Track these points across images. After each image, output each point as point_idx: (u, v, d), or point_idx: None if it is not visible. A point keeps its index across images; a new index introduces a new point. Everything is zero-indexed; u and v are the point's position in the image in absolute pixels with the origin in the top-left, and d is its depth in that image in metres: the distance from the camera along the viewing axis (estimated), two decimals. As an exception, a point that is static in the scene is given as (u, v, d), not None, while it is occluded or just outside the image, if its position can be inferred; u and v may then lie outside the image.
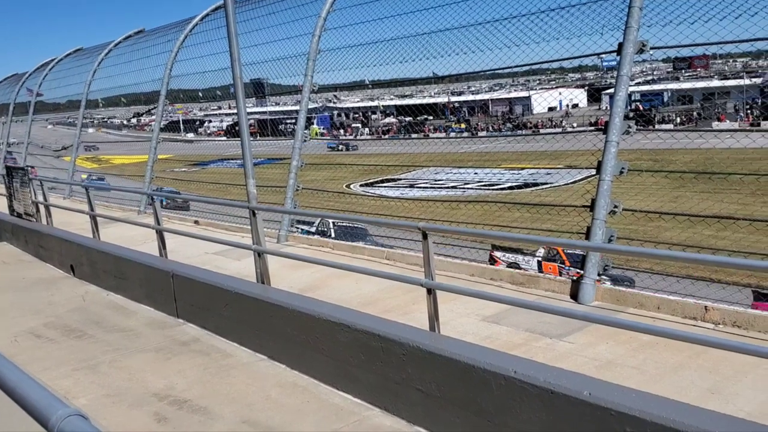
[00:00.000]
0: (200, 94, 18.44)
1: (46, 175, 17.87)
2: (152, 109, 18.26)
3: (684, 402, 3.98)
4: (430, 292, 5.66)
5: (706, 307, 6.58)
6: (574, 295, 7.50)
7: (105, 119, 32.16)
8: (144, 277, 9.15)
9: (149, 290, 9.03)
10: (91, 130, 26.94)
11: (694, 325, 6.43)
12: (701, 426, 3.56)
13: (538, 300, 7.11)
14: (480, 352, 4.98)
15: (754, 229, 7.80)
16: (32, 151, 25.44)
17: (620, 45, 7.77)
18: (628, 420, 3.84)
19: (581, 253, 8.01)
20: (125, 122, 34.46)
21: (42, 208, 13.27)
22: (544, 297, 7.52)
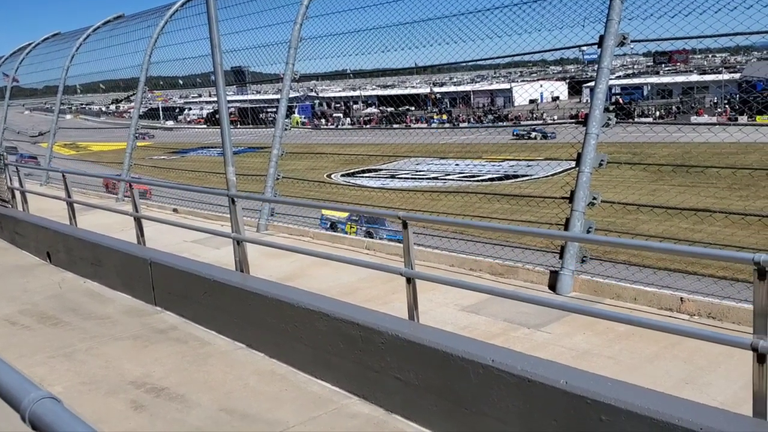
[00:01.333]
0: (180, 81, 18.28)
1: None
2: (131, 95, 18.09)
3: (658, 391, 4.03)
4: (410, 281, 5.67)
5: (681, 298, 6.67)
6: (552, 286, 7.56)
7: (83, 105, 31.76)
8: (121, 264, 9.07)
9: (127, 278, 8.95)
10: (68, 117, 26.60)
11: (670, 316, 6.51)
12: (675, 414, 3.61)
13: (516, 290, 7.15)
14: (458, 340, 5.00)
15: (730, 222, 7.90)
16: (8, 137, 25.07)
17: (601, 37, 7.81)
18: (603, 408, 3.88)
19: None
20: (104, 109, 34.06)
21: (18, 194, 13.10)
22: (522, 287, 7.57)
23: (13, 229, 12.60)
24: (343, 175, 34.70)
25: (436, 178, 34.00)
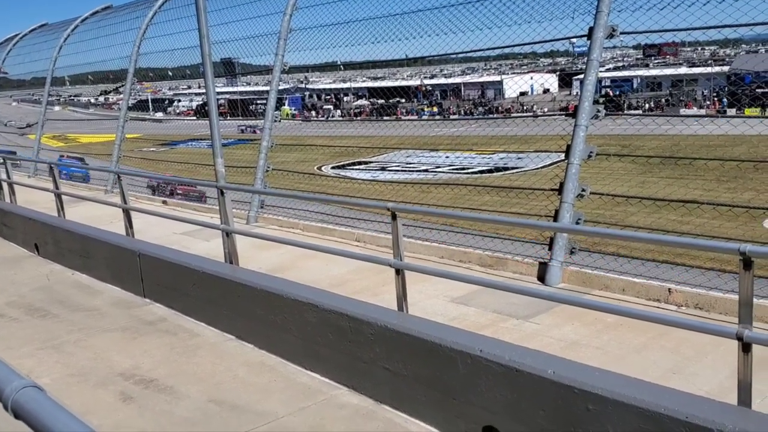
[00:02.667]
0: (170, 72, 18.17)
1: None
2: (120, 87, 17.97)
3: (645, 380, 4.06)
4: (399, 272, 5.67)
5: (669, 289, 6.71)
6: (541, 277, 7.58)
7: (72, 97, 31.55)
8: (110, 256, 9.03)
9: (115, 270, 8.92)
10: (57, 108, 26.41)
11: (658, 307, 6.55)
12: (661, 403, 3.64)
13: (505, 281, 7.16)
14: (447, 331, 5.02)
15: (718, 213, 7.94)
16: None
17: (591, 29, 7.82)
18: (590, 398, 3.90)
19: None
20: (92, 100, 33.84)
21: (5, 186, 13.01)
22: (511, 279, 7.59)
23: (0, 221, 12.52)
24: (333, 168, 34.60)
25: (426, 171, 34.02)
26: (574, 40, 8.88)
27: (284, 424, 5.08)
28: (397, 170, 34.55)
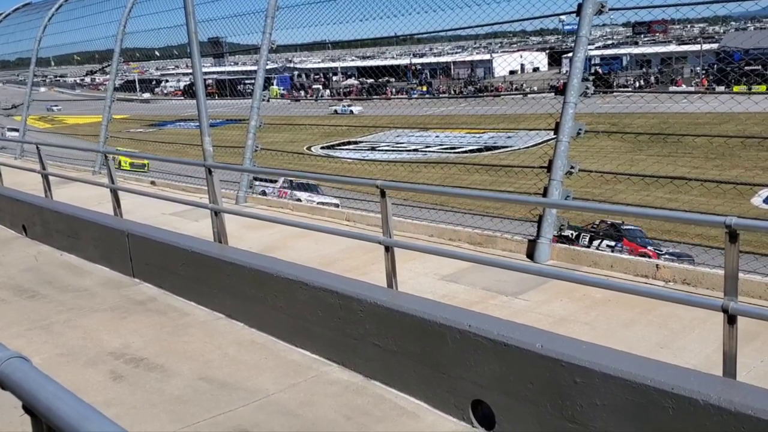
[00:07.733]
0: (157, 53, 17.99)
1: None
2: (106, 67, 17.77)
3: (632, 353, 4.10)
4: (388, 249, 5.68)
5: (657, 265, 6.76)
6: (530, 255, 7.61)
7: (57, 78, 31.22)
8: (99, 236, 8.99)
9: (104, 250, 8.88)
10: (42, 89, 26.15)
11: (646, 283, 6.59)
12: (647, 375, 3.68)
13: (494, 258, 7.18)
14: (436, 307, 5.04)
15: (706, 190, 7.98)
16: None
17: (579, 6, 7.78)
18: (578, 370, 3.94)
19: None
20: (78, 81, 33.50)
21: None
22: (500, 256, 7.61)
23: (-13, 202, 12.42)
24: (322, 148, 34.49)
25: (416, 150, 33.97)
26: (563, 18, 8.85)
27: (275, 400, 5.11)
28: (387, 150, 34.47)
